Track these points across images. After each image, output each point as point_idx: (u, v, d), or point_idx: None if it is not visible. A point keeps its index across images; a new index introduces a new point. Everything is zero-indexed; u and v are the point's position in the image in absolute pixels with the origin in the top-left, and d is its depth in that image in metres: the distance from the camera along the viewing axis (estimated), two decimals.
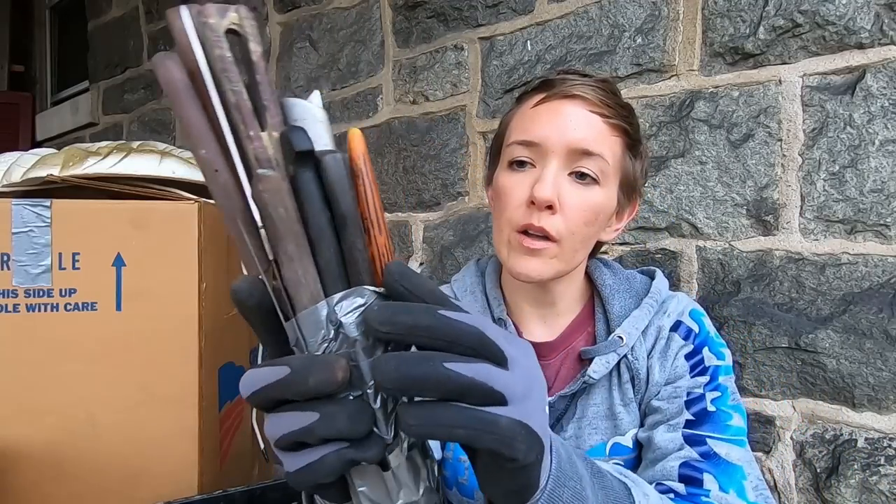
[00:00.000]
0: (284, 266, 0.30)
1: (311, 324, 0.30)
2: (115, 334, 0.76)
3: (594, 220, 0.65)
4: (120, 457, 0.77)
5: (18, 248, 0.74)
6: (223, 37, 0.28)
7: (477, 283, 0.78)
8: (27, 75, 3.62)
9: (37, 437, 0.74)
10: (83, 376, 0.76)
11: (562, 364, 0.71)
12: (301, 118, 0.31)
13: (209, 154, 0.28)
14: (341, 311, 0.30)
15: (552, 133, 0.63)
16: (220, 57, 0.27)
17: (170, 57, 0.27)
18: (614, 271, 0.75)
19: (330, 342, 0.30)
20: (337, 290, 0.30)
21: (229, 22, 0.28)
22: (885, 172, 0.87)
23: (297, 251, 0.29)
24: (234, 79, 0.28)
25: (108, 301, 0.77)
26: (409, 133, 1.49)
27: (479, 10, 1.34)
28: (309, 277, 0.30)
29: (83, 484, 0.75)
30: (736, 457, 0.59)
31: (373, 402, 0.30)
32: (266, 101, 0.29)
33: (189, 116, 0.28)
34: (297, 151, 0.29)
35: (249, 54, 0.29)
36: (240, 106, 0.28)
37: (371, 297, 0.30)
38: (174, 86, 0.27)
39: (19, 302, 0.74)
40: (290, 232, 0.29)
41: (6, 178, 0.82)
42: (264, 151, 0.29)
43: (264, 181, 0.28)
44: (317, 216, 0.30)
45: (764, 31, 0.96)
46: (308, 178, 0.30)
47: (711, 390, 0.64)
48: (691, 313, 0.70)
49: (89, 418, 0.76)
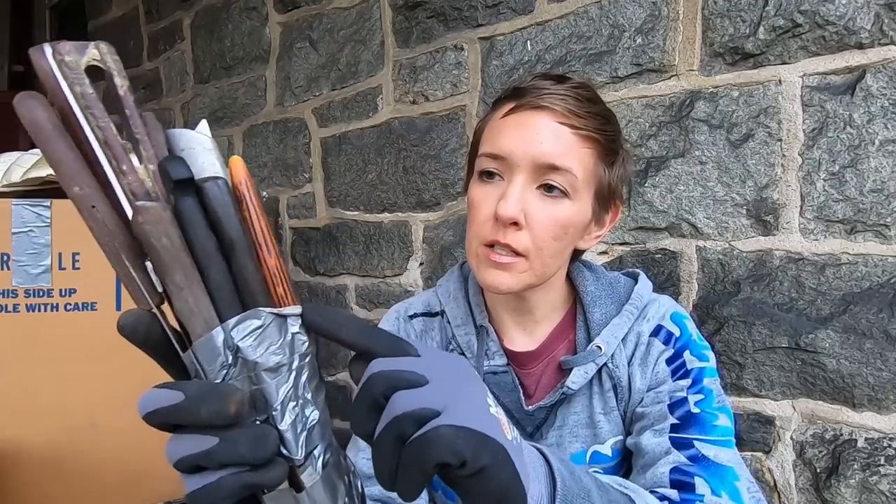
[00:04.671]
0: (174, 296, 0.29)
1: (208, 351, 0.30)
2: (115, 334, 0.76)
3: (563, 235, 0.63)
4: (120, 457, 0.77)
5: (18, 248, 0.74)
6: (83, 74, 0.27)
7: (459, 288, 0.77)
8: (27, 75, 3.62)
9: (37, 437, 0.74)
10: (83, 376, 0.76)
11: (542, 373, 0.71)
12: (188, 147, 0.31)
13: (84, 191, 0.28)
14: (238, 336, 0.30)
15: (518, 147, 0.62)
16: (82, 94, 0.27)
17: (32, 96, 0.27)
18: (597, 276, 0.73)
19: (229, 368, 0.30)
20: (232, 314, 0.30)
21: (89, 58, 0.28)
22: (885, 172, 0.87)
23: (186, 280, 0.29)
24: (98, 115, 0.28)
25: (108, 301, 0.77)
26: (409, 133, 1.49)
27: (479, 10, 1.34)
28: (201, 305, 0.30)
29: (83, 483, 0.75)
30: (725, 458, 0.59)
31: (279, 423, 0.31)
32: (137, 134, 0.29)
33: (58, 154, 0.27)
34: (176, 180, 0.29)
35: (116, 89, 0.28)
36: (108, 141, 0.28)
37: (268, 319, 0.30)
38: (38, 124, 0.27)
39: (19, 302, 0.74)
40: (175, 261, 0.29)
41: (6, 178, 0.82)
42: (140, 185, 0.29)
43: (143, 212, 0.28)
44: (203, 243, 0.29)
45: (764, 31, 0.96)
46: (189, 205, 0.29)
47: (695, 393, 0.63)
48: (672, 316, 0.69)
49: (89, 418, 0.76)
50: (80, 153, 0.28)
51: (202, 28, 2.13)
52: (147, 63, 2.43)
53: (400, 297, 1.51)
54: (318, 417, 0.33)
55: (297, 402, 0.32)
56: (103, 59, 0.28)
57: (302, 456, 0.32)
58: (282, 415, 0.31)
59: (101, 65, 0.28)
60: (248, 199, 0.31)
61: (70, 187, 0.28)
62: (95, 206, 0.28)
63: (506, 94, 0.68)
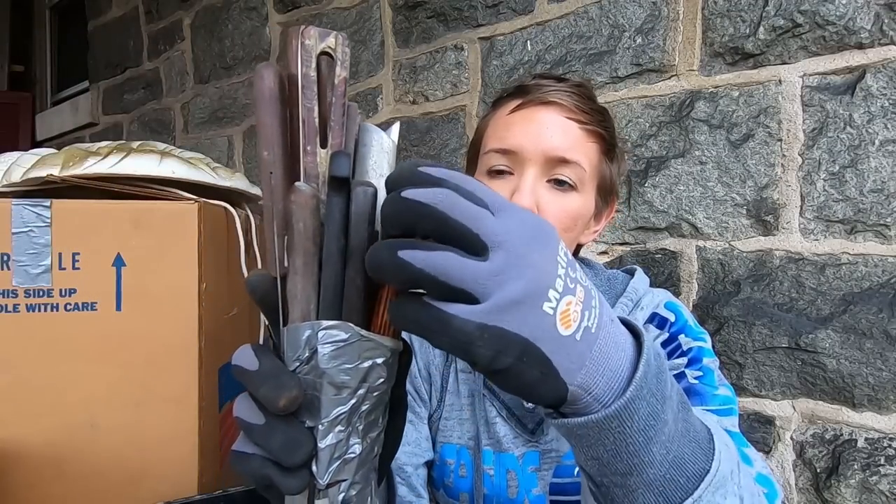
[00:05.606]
0: (289, 277, 0.31)
1: (293, 339, 0.30)
2: (115, 334, 0.76)
3: (573, 227, 0.64)
4: (120, 457, 0.77)
5: (18, 248, 0.74)
6: (314, 58, 0.30)
7: None
8: (27, 75, 3.62)
9: (37, 438, 0.74)
10: (83, 376, 0.76)
11: None
12: (369, 144, 0.33)
13: (270, 157, 0.30)
14: (322, 339, 0.30)
15: (528, 141, 0.62)
16: (305, 74, 0.30)
17: (268, 66, 0.31)
18: (596, 272, 0.75)
19: (302, 364, 0.30)
20: (329, 317, 0.30)
21: (326, 45, 0.31)
22: (885, 172, 0.87)
23: (304, 268, 0.30)
24: (309, 96, 0.30)
25: (108, 301, 0.76)
26: (409, 133, 1.49)
27: (479, 10, 1.34)
28: (305, 295, 0.31)
29: (83, 484, 0.75)
30: (729, 424, 0.58)
31: (319, 440, 0.30)
32: (333, 122, 0.31)
33: (263, 121, 0.30)
34: (331, 177, 0.30)
35: (334, 77, 0.31)
36: (307, 122, 0.30)
37: (354, 337, 0.30)
38: (259, 91, 0.30)
39: (19, 302, 0.74)
40: (301, 247, 0.30)
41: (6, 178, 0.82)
42: (314, 167, 0.31)
43: (296, 193, 0.30)
44: (330, 241, 0.30)
45: (764, 31, 0.96)
46: (334, 203, 0.31)
47: (694, 370, 0.63)
48: (667, 304, 0.69)
49: (89, 418, 0.76)
50: (286, 124, 0.31)
51: (202, 28, 2.13)
52: (147, 63, 2.43)
53: None
54: (358, 452, 0.32)
55: (345, 428, 0.31)
56: (336, 49, 0.31)
57: (325, 482, 0.31)
58: (326, 433, 0.30)
59: (332, 53, 0.31)
60: None
61: (261, 150, 0.30)
62: (273, 172, 0.30)
63: (508, 92, 0.69)
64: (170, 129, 2.35)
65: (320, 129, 0.31)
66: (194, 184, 0.84)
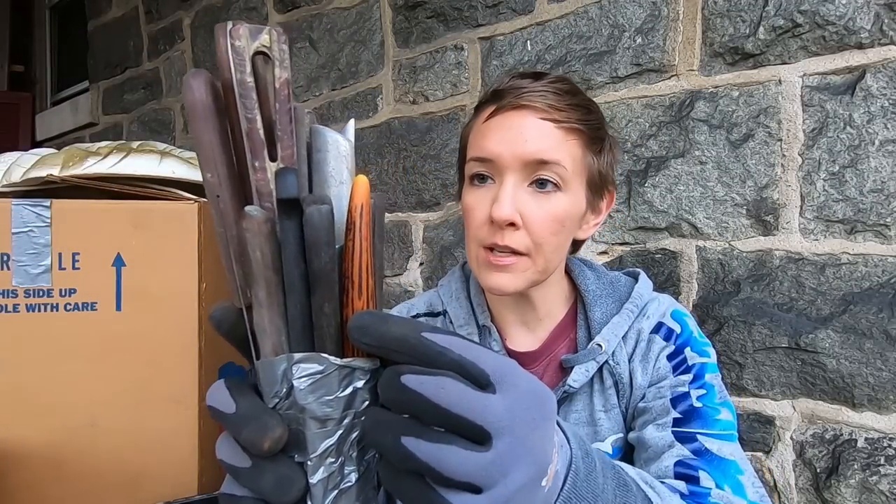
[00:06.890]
0: (254, 308, 0.28)
1: (268, 375, 0.29)
2: (115, 334, 0.76)
3: (561, 229, 0.64)
4: (120, 457, 0.77)
5: (18, 248, 0.74)
6: (247, 61, 0.27)
7: (461, 288, 0.77)
8: (27, 75, 3.62)
9: (37, 438, 0.74)
10: (83, 376, 0.76)
11: (544, 373, 0.71)
12: (323, 149, 0.29)
13: (214, 178, 0.27)
14: (297, 373, 0.28)
15: (505, 148, 0.62)
16: (241, 81, 0.27)
17: (198, 75, 0.27)
18: (598, 275, 0.74)
19: (281, 400, 0.28)
20: (301, 348, 0.28)
21: (259, 44, 0.27)
22: (885, 172, 0.87)
23: (267, 299, 0.28)
24: (249, 105, 0.27)
25: (108, 301, 0.76)
26: (408, 133, 1.49)
27: (479, 10, 1.34)
28: (273, 328, 0.28)
29: (83, 484, 0.75)
30: (728, 452, 0.59)
31: (310, 476, 0.29)
32: (280, 130, 0.28)
33: (201, 139, 0.27)
34: (279, 199, 0.27)
35: (274, 80, 0.27)
36: (251, 134, 0.27)
37: (330, 367, 0.28)
38: (191, 104, 0.27)
39: (19, 302, 0.74)
40: (262, 277, 0.27)
41: (6, 178, 0.82)
42: (266, 184, 0.27)
43: (247, 220, 0.27)
44: (290, 269, 0.28)
45: (764, 31, 0.96)
46: (287, 227, 0.28)
47: (697, 388, 0.63)
48: (673, 314, 0.70)
49: (89, 418, 0.76)
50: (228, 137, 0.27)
51: (202, 28, 2.13)
52: (147, 63, 2.43)
53: (400, 298, 1.51)
54: (355, 479, 0.30)
55: (336, 459, 0.29)
56: (271, 47, 0.28)
57: None
58: (316, 468, 0.29)
59: (268, 52, 0.27)
60: (358, 228, 0.28)
61: (203, 172, 0.27)
62: (220, 195, 0.27)
63: (485, 98, 0.68)
64: (170, 129, 2.35)
65: (267, 140, 0.28)
66: (194, 184, 0.84)
